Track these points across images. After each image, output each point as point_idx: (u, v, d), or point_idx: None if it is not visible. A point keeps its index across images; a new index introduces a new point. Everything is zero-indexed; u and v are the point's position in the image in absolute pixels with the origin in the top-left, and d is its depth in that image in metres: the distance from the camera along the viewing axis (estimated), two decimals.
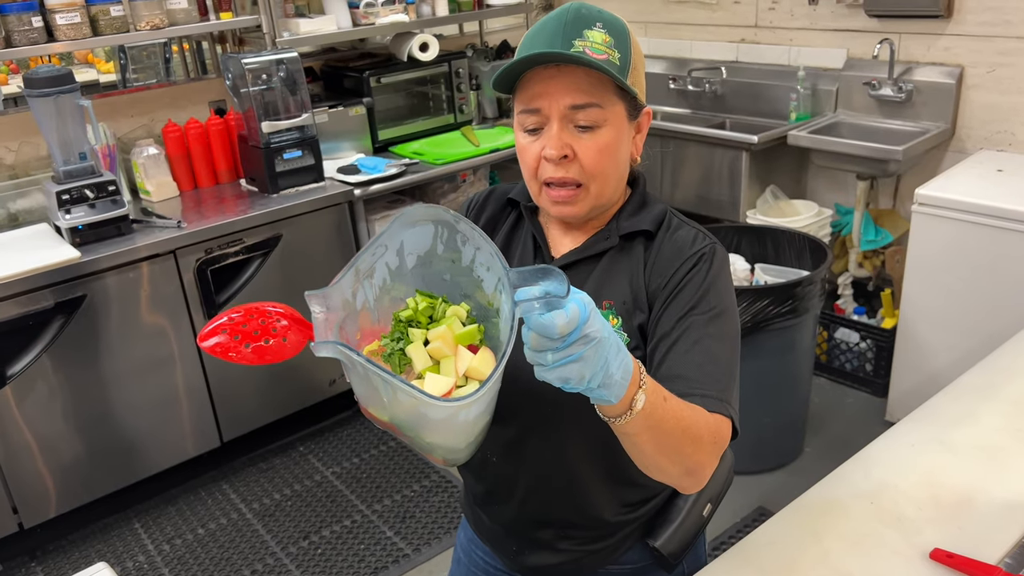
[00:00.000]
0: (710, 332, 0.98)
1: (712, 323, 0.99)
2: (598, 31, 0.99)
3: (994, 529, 1.15)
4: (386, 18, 3.31)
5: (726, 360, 0.98)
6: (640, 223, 1.07)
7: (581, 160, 1.00)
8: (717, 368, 0.97)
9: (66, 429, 2.57)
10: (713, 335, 0.98)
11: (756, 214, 3.26)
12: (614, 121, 1.01)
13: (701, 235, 1.07)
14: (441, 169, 3.21)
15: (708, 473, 0.94)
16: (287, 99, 2.98)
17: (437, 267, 0.90)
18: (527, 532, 1.18)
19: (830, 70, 3.35)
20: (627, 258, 1.06)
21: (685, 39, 3.86)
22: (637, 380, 0.82)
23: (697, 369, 0.96)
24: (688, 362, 0.96)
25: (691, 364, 0.96)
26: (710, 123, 3.61)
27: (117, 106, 3.10)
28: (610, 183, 1.04)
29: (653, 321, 1.02)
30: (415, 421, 0.83)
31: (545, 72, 0.99)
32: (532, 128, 1.02)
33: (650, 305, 1.03)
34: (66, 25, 2.62)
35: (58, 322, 2.49)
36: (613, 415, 0.83)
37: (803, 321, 2.62)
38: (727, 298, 1.03)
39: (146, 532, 2.72)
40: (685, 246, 1.05)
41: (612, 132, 1.01)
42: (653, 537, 1.15)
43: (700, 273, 1.02)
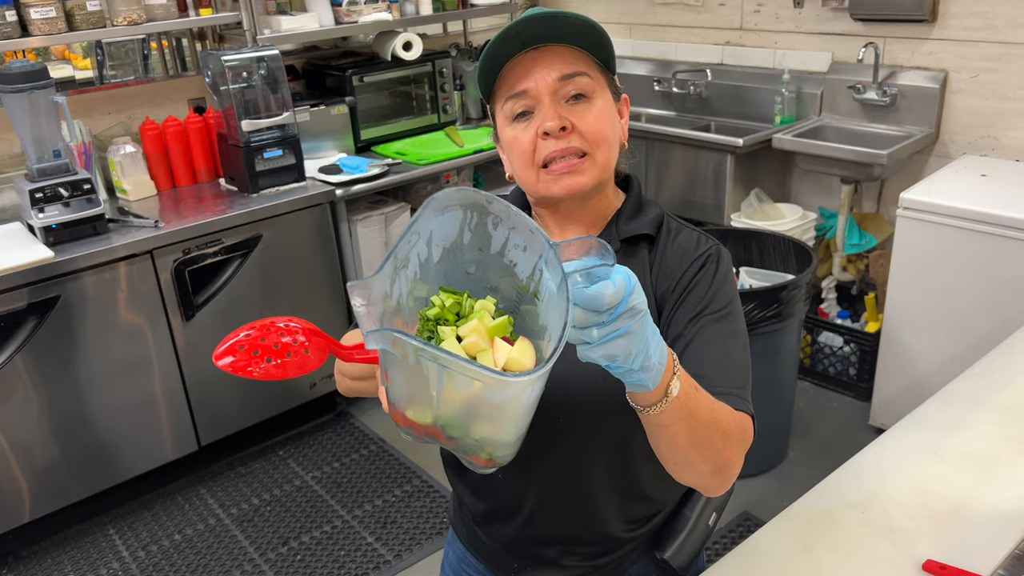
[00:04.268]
0: (723, 331, 0.97)
1: (724, 322, 0.98)
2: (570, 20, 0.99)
3: (987, 540, 1.13)
4: (369, 16, 3.27)
5: (741, 358, 0.98)
6: (640, 227, 1.05)
7: (580, 129, 0.98)
8: (733, 366, 0.96)
9: (39, 433, 2.51)
10: (727, 334, 0.98)
11: (741, 217, 3.25)
12: (603, 93, 1.00)
13: (704, 237, 1.06)
14: (424, 170, 3.18)
15: (735, 472, 0.92)
16: (268, 97, 2.93)
17: (461, 260, 0.85)
18: (531, 549, 1.14)
19: (815, 73, 3.35)
20: (631, 262, 1.04)
21: (670, 41, 3.85)
22: (671, 367, 0.80)
23: (715, 368, 0.94)
24: (706, 361, 0.94)
25: (709, 363, 0.94)
26: (695, 125, 3.59)
27: (94, 103, 3.04)
28: (612, 153, 1.02)
29: (663, 325, 1.00)
30: (467, 413, 0.76)
31: (526, 57, 0.97)
32: (521, 112, 0.99)
33: (659, 309, 1.02)
34: (41, 20, 2.56)
35: (31, 323, 2.43)
36: (648, 403, 0.80)
37: (788, 325, 2.61)
38: (735, 298, 1.02)
39: (121, 538, 2.67)
40: (690, 249, 1.04)
41: (603, 102, 1.00)
42: (661, 549, 1.13)
43: (708, 274, 1.01)
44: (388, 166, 3.14)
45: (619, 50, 4.05)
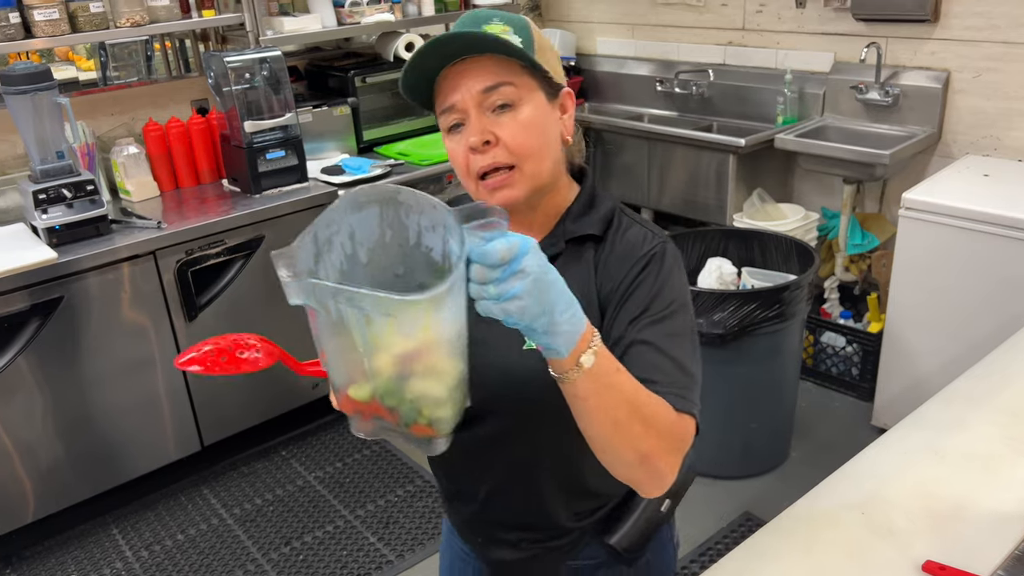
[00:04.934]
0: (664, 332, 0.97)
1: (665, 323, 0.98)
2: (496, 24, 1.00)
3: (987, 541, 1.13)
4: (371, 17, 3.27)
5: (684, 358, 0.97)
6: (586, 226, 1.05)
7: (505, 141, 0.98)
8: (675, 366, 0.96)
9: (43, 433, 2.52)
10: (668, 334, 0.97)
11: (743, 217, 3.25)
12: (531, 99, 1.00)
13: (651, 234, 1.05)
14: (426, 170, 3.18)
15: (665, 469, 0.92)
16: (270, 98, 2.94)
17: (388, 263, 0.86)
18: (489, 530, 1.21)
19: (817, 73, 3.34)
20: (576, 263, 1.04)
21: (672, 41, 3.85)
22: (588, 340, 0.82)
23: (655, 370, 0.94)
24: (646, 364, 0.94)
25: (649, 366, 0.94)
26: (697, 126, 3.59)
27: (97, 104, 3.05)
28: (544, 162, 1.02)
29: (607, 325, 1.00)
30: (398, 374, 0.80)
31: (453, 69, 0.98)
32: (453, 125, 1.00)
33: (603, 309, 1.02)
34: (44, 21, 2.57)
35: (34, 324, 2.44)
36: (561, 371, 0.83)
37: (790, 325, 2.61)
38: (680, 296, 1.01)
39: (124, 538, 2.67)
40: (635, 247, 1.03)
41: (531, 109, 0.99)
42: (609, 534, 1.15)
43: (651, 274, 1.00)
44: (390, 167, 3.15)
45: (621, 50, 4.06)
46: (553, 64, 1.04)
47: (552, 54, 1.05)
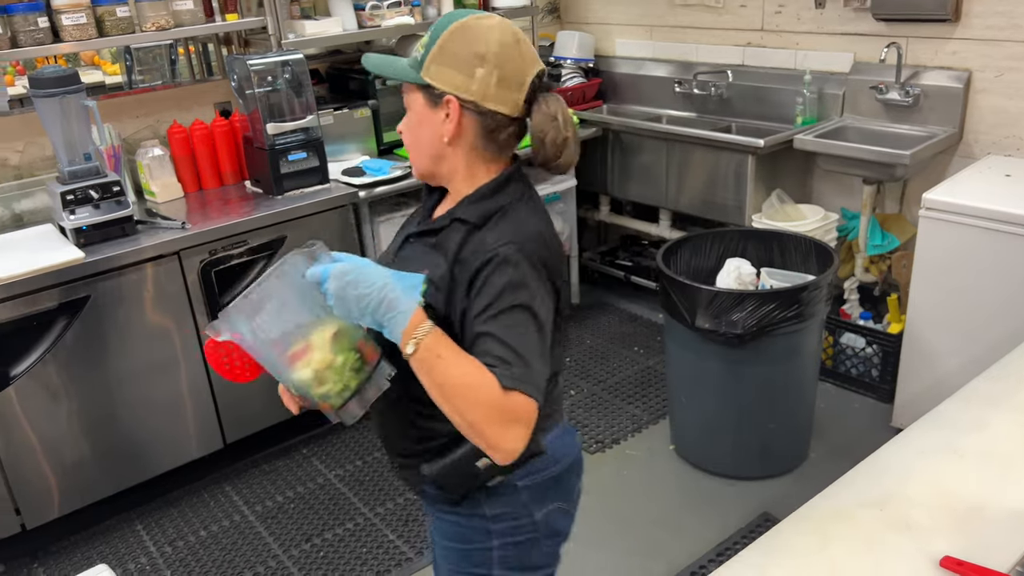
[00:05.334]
0: (505, 324, 1.13)
1: (505, 317, 1.13)
2: (424, 35, 1.23)
3: (1005, 537, 1.14)
4: (391, 20, 3.31)
5: (520, 347, 1.12)
6: (467, 213, 1.23)
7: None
8: (511, 353, 1.11)
9: (69, 430, 2.57)
10: (508, 326, 1.13)
11: (762, 218, 3.24)
12: (414, 107, 1.26)
13: (502, 238, 1.18)
14: None
15: (496, 439, 1.10)
16: (292, 101, 2.98)
17: (319, 299, 1.12)
18: (390, 457, 1.45)
19: (837, 74, 3.34)
20: (448, 240, 1.22)
21: (690, 42, 3.85)
22: (410, 334, 1.08)
23: (491, 356, 1.11)
24: (485, 351, 1.12)
25: (486, 352, 1.11)
26: (716, 126, 3.59)
27: (123, 107, 3.10)
28: (420, 158, 1.29)
29: (460, 311, 1.18)
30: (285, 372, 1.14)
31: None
32: None
33: (454, 289, 1.19)
34: (72, 26, 2.63)
35: (62, 323, 2.48)
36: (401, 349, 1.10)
37: (809, 326, 2.61)
38: (524, 298, 1.15)
39: (148, 534, 2.72)
40: (485, 247, 1.18)
41: (412, 116, 1.27)
42: (428, 464, 1.29)
43: (495, 275, 1.15)
44: (409, 168, 3.17)
45: (639, 52, 4.07)
46: (443, 74, 1.20)
47: (452, 61, 1.19)
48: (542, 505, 1.33)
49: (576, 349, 3.69)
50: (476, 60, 1.19)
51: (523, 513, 1.32)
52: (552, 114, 1.23)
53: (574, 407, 3.25)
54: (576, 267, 3.97)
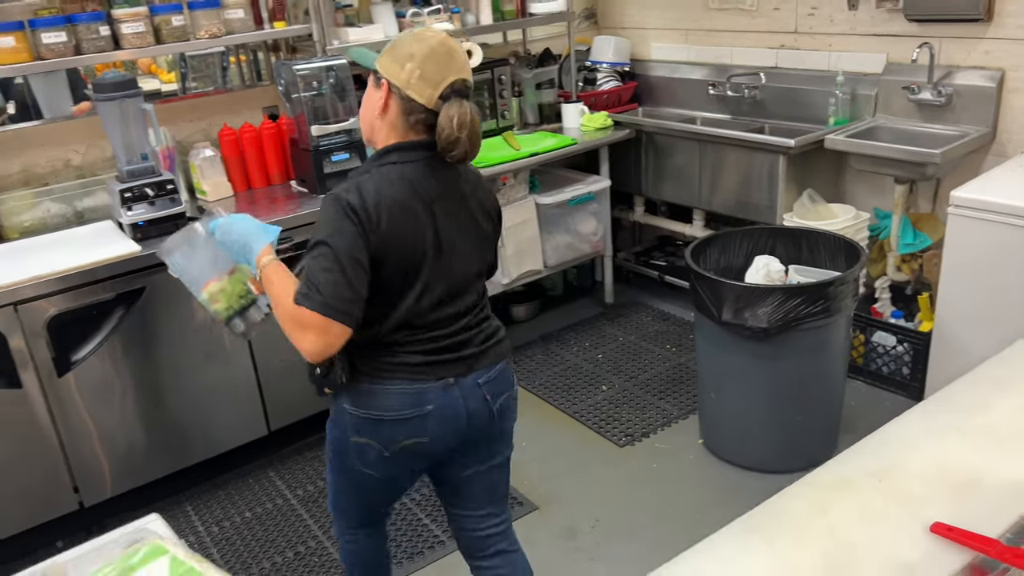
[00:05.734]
0: (311, 256, 1.53)
1: (312, 250, 1.53)
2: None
3: (998, 507, 1.19)
4: (431, 27, 3.42)
5: (312, 273, 1.50)
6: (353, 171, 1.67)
7: None
8: (306, 278, 1.51)
9: (124, 414, 2.72)
10: (312, 257, 1.52)
11: (793, 218, 3.28)
12: (369, 87, 1.66)
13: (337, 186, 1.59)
14: (482, 172, 3.30)
15: (296, 339, 1.52)
16: (336, 104, 3.11)
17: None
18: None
19: (870, 75, 3.36)
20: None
21: (725, 46, 3.90)
22: (258, 263, 1.62)
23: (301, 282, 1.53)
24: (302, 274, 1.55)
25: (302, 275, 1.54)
26: (749, 128, 3.64)
27: (177, 111, 3.27)
28: (364, 123, 1.68)
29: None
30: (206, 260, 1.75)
31: None
32: None
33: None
34: (131, 34, 2.79)
35: (119, 312, 2.64)
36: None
37: (835, 321, 2.64)
38: (322, 233, 1.53)
39: (196, 514, 2.86)
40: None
41: (366, 93, 1.67)
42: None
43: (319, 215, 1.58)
44: None
45: (675, 55, 4.13)
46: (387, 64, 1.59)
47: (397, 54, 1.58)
48: (358, 434, 1.70)
49: (610, 346, 3.76)
50: (407, 57, 1.57)
51: (345, 429, 1.72)
52: (451, 116, 1.54)
53: (605, 402, 3.32)
54: (610, 267, 4.05)
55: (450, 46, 1.58)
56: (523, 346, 3.82)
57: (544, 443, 3.09)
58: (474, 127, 1.58)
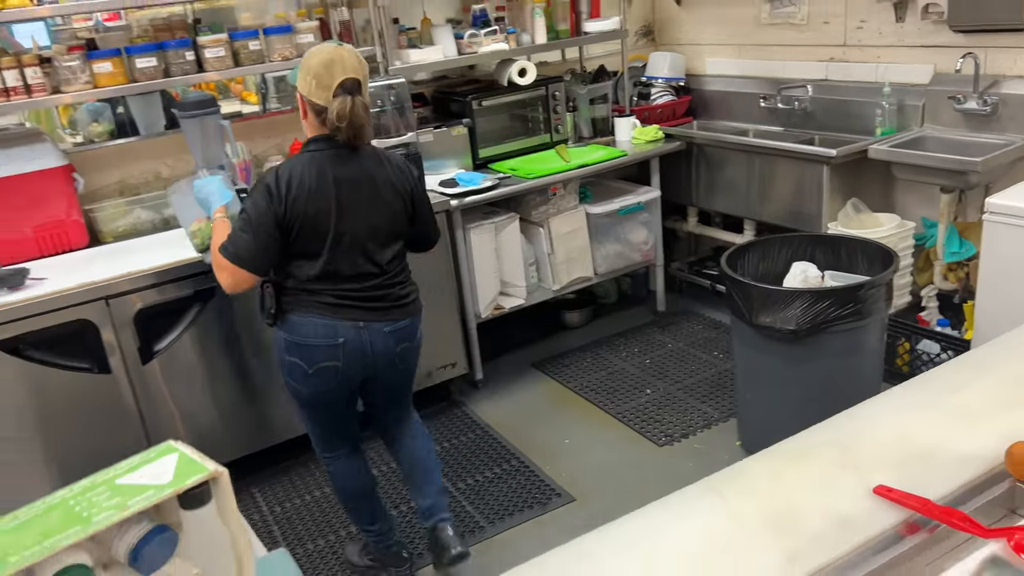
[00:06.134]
0: (239, 217, 2.10)
1: (239, 215, 2.11)
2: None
3: (945, 475, 1.27)
4: (488, 47, 3.64)
5: (234, 232, 2.09)
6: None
7: None
8: (230, 235, 2.09)
9: (200, 400, 3.00)
10: (239, 219, 2.10)
11: (837, 227, 3.33)
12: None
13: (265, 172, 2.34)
14: (532, 183, 3.49)
15: (216, 274, 2.14)
16: (396, 120, 3.35)
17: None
18: None
19: (917, 85, 3.39)
20: None
21: (776, 60, 3.98)
22: (214, 217, 2.32)
23: (227, 236, 2.12)
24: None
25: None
26: (799, 139, 3.70)
27: (255, 128, 3.58)
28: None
29: None
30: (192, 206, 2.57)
31: None
32: None
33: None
34: (213, 58, 3.10)
35: (196, 308, 2.93)
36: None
37: (868, 324, 2.70)
38: (247, 202, 2.11)
39: (262, 496, 3.12)
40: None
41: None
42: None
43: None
44: (499, 179, 3.48)
45: (728, 70, 4.23)
46: (300, 77, 2.11)
47: (303, 69, 2.10)
48: (289, 354, 2.22)
49: (658, 352, 3.86)
50: (307, 71, 2.09)
51: (282, 351, 2.25)
52: (334, 108, 2.04)
53: (649, 404, 3.43)
54: (661, 276, 4.15)
55: (338, 54, 2.07)
56: (573, 351, 3.96)
57: (585, 440, 3.22)
58: (354, 115, 2.05)
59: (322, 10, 3.57)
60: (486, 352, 3.73)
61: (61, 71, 2.90)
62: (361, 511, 2.55)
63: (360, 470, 2.52)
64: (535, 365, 3.87)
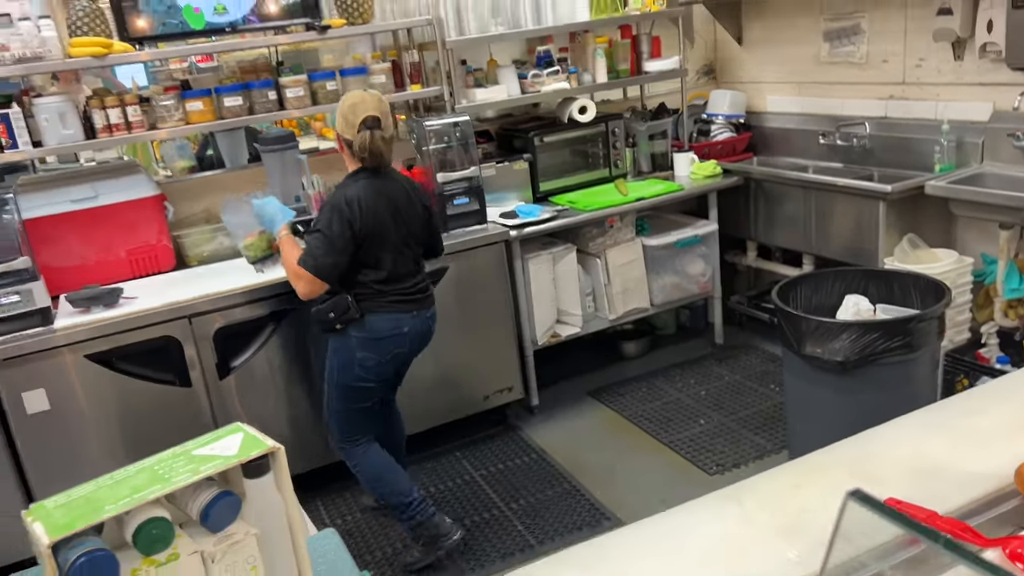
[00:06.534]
0: (312, 234, 2.52)
1: (313, 233, 2.51)
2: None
3: (953, 491, 1.34)
4: (550, 86, 3.81)
5: (311, 247, 2.50)
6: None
7: None
8: (308, 248, 2.51)
9: (272, 415, 3.20)
10: (312, 235, 2.51)
11: (893, 262, 3.34)
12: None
13: (330, 196, 2.61)
14: (589, 215, 3.62)
15: (296, 287, 2.55)
16: (461, 155, 3.53)
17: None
18: None
19: (976, 123, 3.40)
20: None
21: (836, 97, 4.03)
22: (279, 234, 2.70)
23: (304, 250, 2.53)
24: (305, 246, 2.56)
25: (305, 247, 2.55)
26: (858, 176, 3.74)
27: (331, 163, 3.80)
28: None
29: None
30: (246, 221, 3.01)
31: None
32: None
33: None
34: (293, 97, 3.35)
35: (270, 327, 3.14)
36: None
37: (918, 357, 2.70)
38: (320, 223, 2.51)
39: (324, 509, 3.28)
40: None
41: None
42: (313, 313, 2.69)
43: (320, 211, 2.57)
44: (557, 212, 3.62)
45: (788, 107, 4.30)
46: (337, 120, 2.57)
47: (338, 114, 2.55)
48: (362, 350, 2.63)
49: (714, 384, 3.91)
50: (340, 113, 2.54)
51: (351, 348, 2.64)
52: (357, 141, 2.51)
53: (702, 434, 3.48)
54: (719, 308, 4.20)
55: (361, 97, 2.54)
56: (629, 380, 4.04)
57: (636, 467, 3.29)
58: (374, 145, 2.50)
59: (395, 52, 3.80)
60: (543, 379, 3.84)
61: (158, 109, 3.18)
62: (398, 482, 2.79)
63: (385, 451, 2.86)
64: (591, 393, 3.96)
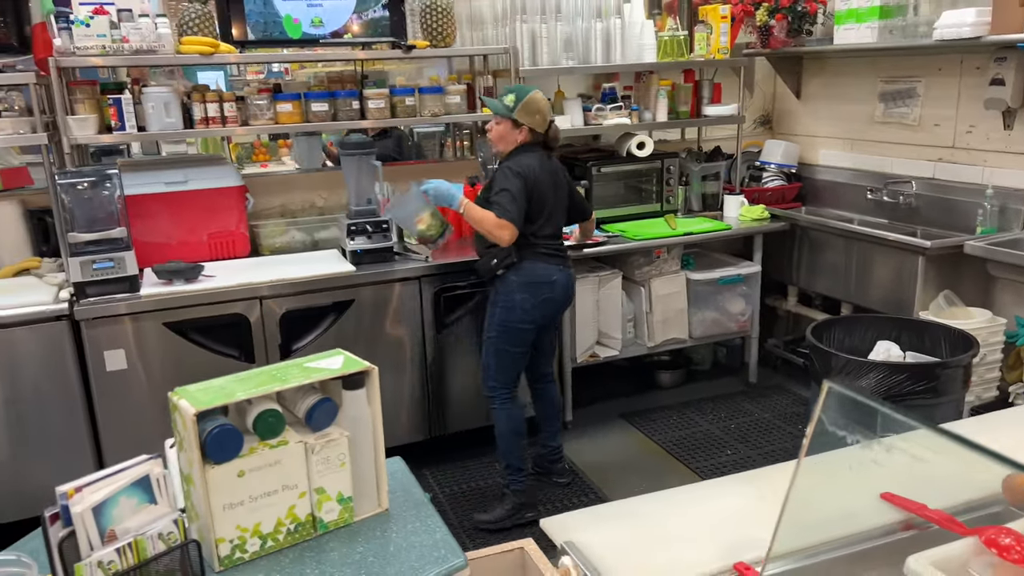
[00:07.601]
0: (496, 193, 2.98)
1: (497, 193, 2.97)
2: (508, 95, 3.03)
3: (954, 489, 1.49)
4: (611, 120, 4.03)
5: (502, 202, 2.94)
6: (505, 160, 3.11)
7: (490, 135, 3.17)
8: (499, 204, 2.94)
9: None
10: (497, 193, 2.97)
11: (928, 316, 3.46)
12: (503, 125, 3.06)
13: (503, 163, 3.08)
14: (637, 244, 3.81)
15: (498, 234, 2.95)
16: None
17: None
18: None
19: (1020, 190, 3.53)
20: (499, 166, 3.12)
21: (886, 156, 4.19)
22: (460, 204, 3.05)
23: (494, 206, 2.96)
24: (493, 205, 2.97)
25: (494, 205, 2.96)
26: (903, 232, 3.87)
27: (402, 173, 4.08)
28: (502, 145, 3.10)
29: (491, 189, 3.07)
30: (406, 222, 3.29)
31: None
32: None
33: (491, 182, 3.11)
34: (374, 108, 3.62)
35: (332, 316, 3.38)
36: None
37: (942, 404, 2.83)
38: (503, 184, 2.97)
39: None
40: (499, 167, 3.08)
41: (501, 128, 3.07)
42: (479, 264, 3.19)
43: (498, 175, 3.03)
44: (608, 238, 3.82)
45: (839, 162, 4.46)
46: (524, 115, 3.02)
47: (528, 110, 3.02)
48: (521, 292, 3.06)
49: (744, 419, 4.03)
50: (536, 110, 3.02)
51: (512, 291, 3.07)
52: (553, 131, 3.10)
53: (727, 463, 3.61)
54: (755, 348, 4.34)
55: (547, 103, 3.08)
56: (661, 408, 4.19)
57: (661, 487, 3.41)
58: (559, 135, 3.16)
59: (470, 76, 4.07)
60: (579, 398, 4.01)
61: (252, 107, 3.47)
62: (522, 447, 3.24)
63: (521, 410, 3.26)
64: (623, 416, 4.11)
